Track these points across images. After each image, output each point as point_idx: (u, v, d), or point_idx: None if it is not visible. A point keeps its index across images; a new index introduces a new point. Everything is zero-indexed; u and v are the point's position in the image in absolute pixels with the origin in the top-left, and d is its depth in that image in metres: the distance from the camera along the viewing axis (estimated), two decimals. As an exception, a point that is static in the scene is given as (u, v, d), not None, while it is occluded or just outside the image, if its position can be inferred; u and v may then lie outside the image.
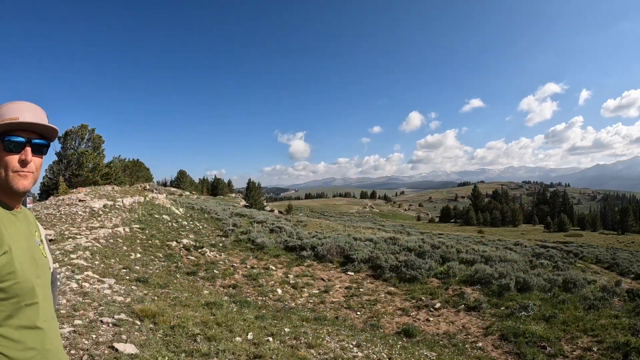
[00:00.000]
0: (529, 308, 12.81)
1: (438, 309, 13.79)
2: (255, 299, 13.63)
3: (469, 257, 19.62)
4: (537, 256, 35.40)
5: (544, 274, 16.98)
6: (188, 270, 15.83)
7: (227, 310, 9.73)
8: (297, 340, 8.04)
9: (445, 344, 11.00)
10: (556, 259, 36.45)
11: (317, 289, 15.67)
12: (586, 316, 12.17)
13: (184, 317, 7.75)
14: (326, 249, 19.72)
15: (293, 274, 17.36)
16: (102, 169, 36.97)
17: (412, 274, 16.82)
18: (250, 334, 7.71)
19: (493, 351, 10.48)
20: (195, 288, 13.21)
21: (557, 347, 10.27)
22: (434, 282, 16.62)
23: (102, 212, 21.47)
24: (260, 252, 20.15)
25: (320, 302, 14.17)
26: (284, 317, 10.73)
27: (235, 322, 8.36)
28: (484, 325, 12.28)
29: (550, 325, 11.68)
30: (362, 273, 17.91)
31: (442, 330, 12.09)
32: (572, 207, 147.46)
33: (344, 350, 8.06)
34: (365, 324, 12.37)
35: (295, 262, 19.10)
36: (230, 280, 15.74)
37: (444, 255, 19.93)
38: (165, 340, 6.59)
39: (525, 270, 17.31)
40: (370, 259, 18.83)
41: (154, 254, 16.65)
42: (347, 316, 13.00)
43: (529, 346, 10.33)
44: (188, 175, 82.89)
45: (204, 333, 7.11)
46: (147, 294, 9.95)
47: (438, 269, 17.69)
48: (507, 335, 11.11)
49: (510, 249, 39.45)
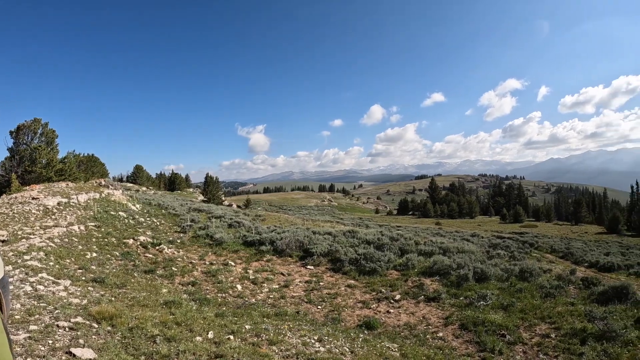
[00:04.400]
0: (487, 297, 13.24)
1: (398, 300, 14.06)
2: (215, 296, 13.57)
3: (428, 249, 20.02)
4: (494, 247, 36.42)
5: (501, 264, 17.60)
6: (146, 268, 15.58)
7: (187, 309, 9.64)
8: (259, 337, 8.07)
9: (407, 335, 11.26)
10: (512, 249, 37.62)
11: (277, 284, 15.71)
12: (543, 304, 12.71)
13: (143, 318, 7.66)
14: (285, 243, 19.77)
15: (252, 269, 17.35)
16: (56, 165, 35.77)
17: (371, 267, 17.05)
18: (211, 333, 7.69)
19: (454, 340, 10.79)
20: (154, 287, 13.02)
21: (516, 334, 10.69)
22: (393, 274, 16.91)
23: (57, 210, 20.83)
24: (219, 248, 20.05)
25: (280, 297, 14.22)
26: (244, 313, 10.73)
27: (195, 321, 8.32)
28: (443, 315, 12.62)
29: (509, 314, 12.14)
30: (322, 267, 18.06)
31: (403, 321, 12.34)
32: (527, 199, 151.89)
33: (306, 346, 8.14)
34: (326, 317, 12.50)
35: (255, 257, 19.08)
36: (189, 277, 15.62)
37: (402, 248, 20.27)
38: (123, 342, 6.51)
39: (483, 260, 17.86)
40: (329, 253, 18.99)
41: (111, 253, 16.29)
42: (308, 310, 13.10)
43: (488, 335, 10.70)
44: (145, 170, 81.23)
45: (163, 334, 7.06)
46: (104, 295, 9.78)
47: (397, 261, 18.00)
48: (466, 325, 11.48)
49: (468, 240, 40.41)
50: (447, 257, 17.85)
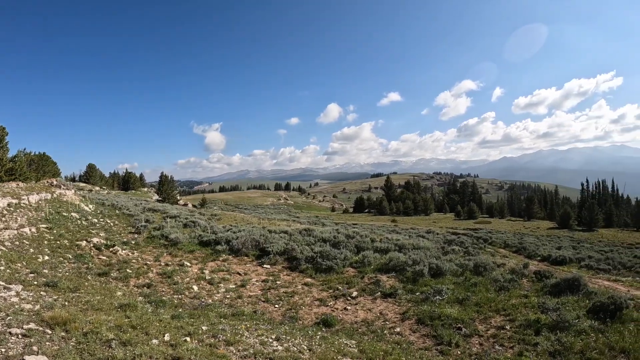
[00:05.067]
0: (443, 292, 13.48)
1: (355, 297, 14.16)
2: (171, 298, 13.37)
3: (384, 246, 20.20)
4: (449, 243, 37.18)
5: (456, 259, 17.94)
6: (100, 270, 15.19)
7: (142, 311, 9.44)
8: (216, 338, 7.97)
9: (365, 331, 11.36)
10: (467, 245, 38.50)
11: (234, 284, 15.59)
12: (497, 297, 13.04)
13: (98, 322, 7.44)
14: (241, 243, 19.62)
15: (209, 270, 17.15)
16: (5, 164, 34.37)
17: (328, 265, 17.11)
18: (167, 335, 7.55)
19: (411, 335, 10.95)
20: (108, 290, 12.72)
21: (471, 327, 10.92)
22: (350, 271, 17.02)
23: (7, 211, 19.98)
24: (174, 248, 19.74)
25: (237, 297, 14.13)
26: (201, 314, 10.58)
27: (151, 323, 8.14)
28: (400, 310, 12.79)
29: (464, 308, 12.40)
30: (279, 265, 18.03)
31: (361, 318, 12.45)
32: (481, 196, 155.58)
33: (264, 345, 8.10)
34: (284, 316, 12.51)
35: (211, 257, 18.87)
36: (144, 279, 15.32)
37: (358, 245, 20.40)
38: (78, 348, 6.32)
39: (438, 256, 18.17)
40: (285, 251, 18.95)
41: (63, 255, 15.79)
42: (266, 310, 13.07)
43: (445, 328, 10.90)
44: (98, 170, 79.32)
45: (119, 338, 6.88)
46: (58, 300, 9.47)
47: (353, 259, 18.13)
48: (423, 319, 11.68)
49: (423, 236, 41.10)
50: (402, 254, 18.07)
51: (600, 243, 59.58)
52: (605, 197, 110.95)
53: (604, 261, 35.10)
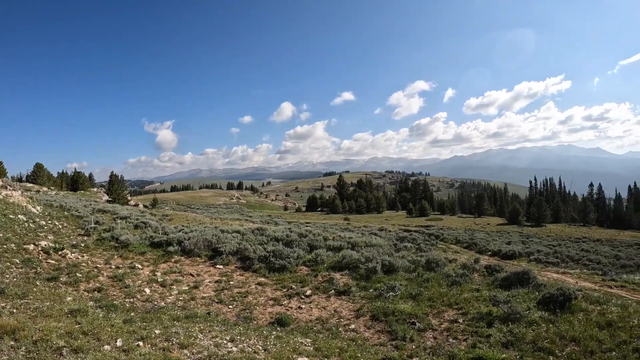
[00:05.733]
0: (396, 288, 13.65)
1: (309, 296, 14.22)
2: (122, 302, 13.04)
3: (336, 244, 20.31)
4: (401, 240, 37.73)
5: (408, 256, 18.25)
6: (49, 275, 14.66)
7: (93, 317, 9.17)
8: (169, 341, 7.83)
9: (319, 329, 11.40)
10: (419, 242, 39.19)
11: (187, 285, 15.35)
12: (450, 292, 13.33)
13: (48, 330, 7.22)
14: (193, 243, 19.35)
15: (161, 272, 16.83)
16: None
17: (281, 264, 17.08)
18: (120, 341, 7.38)
19: (366, 331, 11.06)
20: (58, 295, 12.30)
21: (425, 322, 11.12)
22: (303, 270, 17.06)
23: None
24: (125, 250, 19.25)
25: (190, 299, 13.94)
26: (154, 318, 10.34)
27: (102, 329, 7.93)
28: (355, 308, 12.90)
29: (418, 303, 12.61)
30: (232, 265, 17.87)
31: (315, 316, 12.50)
32: (432, 194, 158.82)
33: (218, 347, 8.02)
34: (238, 317, 12.41)
35: (163, 259, 18.52)
36: (95, 283, 14.88)
37: (311, 244, 20.45)
38: (28, 357, 6.17)
39: (391, 253, 18.39)
40: (238, 251, 18.82)
41: (10, 260, 15.14)
42: (219, 311, 12.95)
43: (399, 324, 11.04)
44: (46, 169, 76.49)
45: (69, 345, 6.70)
46: (5, 307, 9.18)
47: (306, 257, 18.18)
48: (377, 316, 11.81)
49: (376, 234, 41.51)
50: (355, 252, 18.20)
51: (548, 238, 61.84)
52: (552, 194, 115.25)
53: (553, 255, 36.45)
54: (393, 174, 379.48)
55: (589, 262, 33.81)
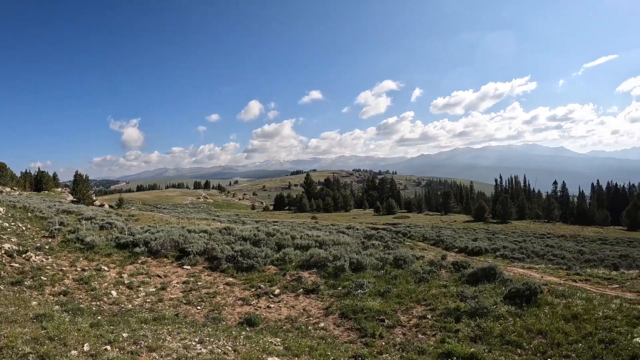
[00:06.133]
0: (364, 286, 13.79)
1: (278, 295, 14.23)
2: (89, 305, 12.79)
3: (304, 243, 20.33)
4: (369, 238, 38.05)
5: (376, 253, 18.47)
6: (12, 279, 14.25)
7: (59, 321, 8.94)
8: (137, 344, 7.71)
9: (289, 328, 11.42)
10: (386, 239, 39.54)
11: (154, 287, 15.14)
12: (418, 288, 13.54)
13: (12, 336, 7.04)
14: (160, 244, 19.09)
15: (127, 273, 16.54)
16: None
17: (249, 263, 17.03)
18: (87, 345, 7.23)
19: (335, 329, 11.13)
20: (22, 300, 11.96)
21: (394, 318, 11.25)
22: (271, 269, 17.02)
23: None
24: (91, 252, 18.82)
25: (158, 301, 13.76)
26: (121, 321, 10.16)
27: (69, 333, 7.76)
28: (323, 306, 12.97)
29: (386, 300, 12.76)
30: (199, 266, 17.69)
31: (284, 315, 12.52)
32: (399, 192, 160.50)
33: (187, 349, 7.94)
34: (206, 318, 12.32)
35: (129, 260, 18.19)
36: (60, 286, 14.52)
37: (279, 242, 20.44)
38: None
39: (358, 251, 18.59)
40: (206, 251, 18.65)
41: None
42: (188, 312, 12.84)
43: (368, 321, 11.14)
44: (8, 169, 74.35)
45: (36, 351, 6.55)
46: None
47: (274, 256, 18.14)
48: (347, 313, 11.89)
49: (343, 232, 41.74)
50: (323, 250, 18.26)
51: (514, 234, 63.05)
52: (517, 192, 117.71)
53: (518, 250, 37.24)
54: (360, 173, 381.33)
55: (554, 257, 34.58)
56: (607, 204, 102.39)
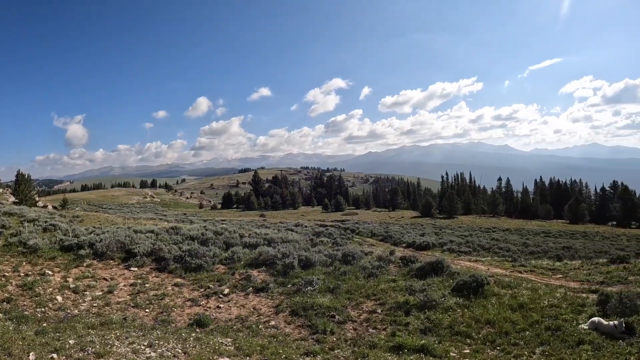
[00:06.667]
0: (314, 283, 13.88)
1: (227, 294, 14.13)
2: (34, 312, 12.31)
3: (253, 241, 20.26)
4: (318, 235, 38.20)
5: (325, 250, 18.62)
6: None
7: (3, 330, 8.58)
8: (84, 351, 7.50)
9: (240, 327, 11.36)
10: (335, 236, 39.82)
11: (101, 291, 14.67)
12: (367, 284, 13.76)
13: None
14: (106, 245, 18.54)
15: (73, 277, 15.93)
16: None
17: (197, 263, 16.79)
18: (32, 354, 6.99)
19: (286, 327, 11.16)
20: None
21: (344, 314, 11.38)
22: (220, 268, 16.86)
23: None
24: (34, 256, 18.00)
25: (105, 305, 13.35)
26: (67, 327, 9.84)
27: (13, 342, 7.46)
28: (274, 304, 12.97)
29: (336, 296, 12.89)
30: (146, 267, 17.27)
31: (234, 315, 12.46)
32: (347, 189, 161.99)
33: (136, 353, 7.80)
34: (155, 320, 12.09)
35: (74, 263, 17.52)
36: (3, 293, 13.84)
37: (227, 241, 20.27)
38: None
39: (307, 248, 18.71)
40: (153, 252, 18.27)
41: None
42: (136, 315, 12.52)
43: (319, 317, 11.23)
44: None
45: None
46: None
47: (223, 255, 17.98)
48: (297, 311, 11.95)
49: (292, 230, 41.80)
50: (272, 248, 18.27)
51: (460, 228, 64.52)
52: (463, 187, 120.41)
53: (465, 244, 38.10)
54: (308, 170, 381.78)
55: (500, 250, 35.54)
56: (549, 199, 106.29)
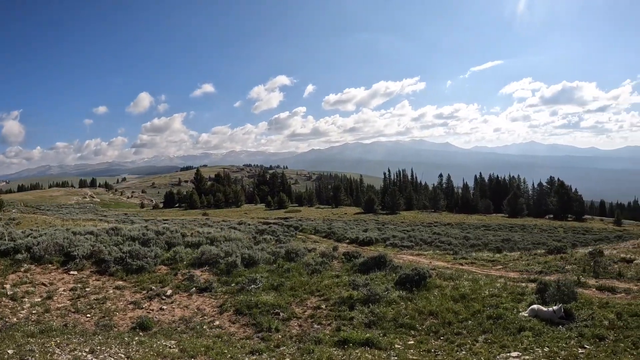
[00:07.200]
0: (257, 281, 13.89)
1: (170, 296, 13.91)
2: (-30, 323, 11.72)
3: (195, 240, 20.03)
4: (261, 232, 38.20)
5: (268, 248, 18.67)
6: None
7: None
8: (24, 361, 7.24)
9: (184, 329, 11.23)
10: (278, 233, 39.93)
11: (40, 297, 14.05)
12: (311, 280, 13.90)
13: None
14: (43, 249, 17.81)
15: (10, 283, 15.16)
16: None
17: (139, 264, 16.41)
18: None
19: (231, 326, 11.12)
20: None
21: (289, 311, 11.46)
22: (162, 269, 16.56)
23: None
24: (-32, 263, 17.25)
25: (45, 311, 12.81)
26: (6, 337, 9.42)
27: None
28: (218, 304, 12.88)
29: (280, 293, 12.96)
30: (86, 270, 16.67)
31: (178, 316, 12.29)
32: (290, 186, 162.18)
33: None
34: (97, 326, 11.70)
35: (11, 269, 16.69)
36: None
37: (169, 241, 19.94)
38: None
39: (250, 246, 18.69)
40: (93, 254, 17.71)
41: None
42: (77, 321, 12.09)
43: (263, 315, 11.25)
44: None
45: None
46: None
47: (165, 256, 17.67)
48: (241, 309, 11.93)
49: (235, 228, 41.62)
50: (215, 247, 18.12)
51: (402, 224, 65.81)
52: (405, 184, 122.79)
53: (407, 239, 38.94)
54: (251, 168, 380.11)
55: (441, 244, 36.51)
56: (489, 194, 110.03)
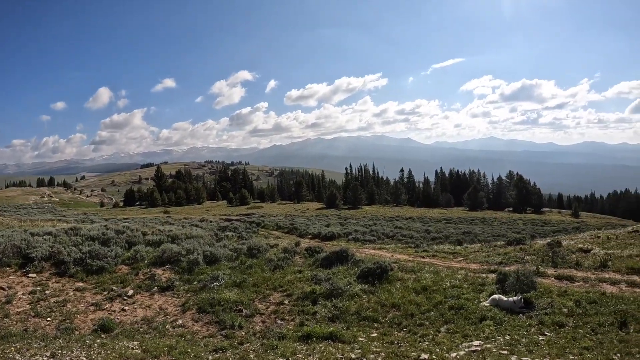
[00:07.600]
0: (220, 278, 13.90)
1: (132, 296, 13.76)
2: None
3: (156, 239, 19.88)
4: (223, 229, 37.95)
5: (230, 244, 18.75)
6: None
7: None
8: (-19, 369, 7.09)
9: (146, 329, 11.15)
10: (240, 230, 39.77)
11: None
12: (273, 276, 13.99)
13: None
14: (0, 251, 17.36)
15: None
16: None
17: (99, 265, 16.16)
18: None
19: (194, 325, 11.10)
20: None
21: (252, 307, 11.50)
22: (123, 269, 16.35)
23: None
24: None
25: (4, 317, 12.45)
26: None
27: None
28: (180, 302, 12.82)
29: (243, 290, 13.00)
30: (46, 272, 16.26)
31: (140, 316, 12.18)
32: (252, 183, 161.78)
33: (38, 366, 7.43)
34: (58, 329, 11.49)
35: None
36: None
37: (129, 240, 19.72)
38: None
39: (212, 243, 18.70)
40: (52, 255, 17.31)
41: None
42: (37, 325, 11.85)
43: (226, 313, 11.27)
44: None
45: None
46: None
47: (125, 255, 17.48)
48: (204, 307, 11.91)
49: (197, 225, 41.26)
50: (176, 245, 18.01)
51: (365, 218, 66.26)
52: (367, 179, 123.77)
53: (369, 233, 39.27)
54: (213, 164, 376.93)
55: (403, 237, 36.88)
56: (450, 188, 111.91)
